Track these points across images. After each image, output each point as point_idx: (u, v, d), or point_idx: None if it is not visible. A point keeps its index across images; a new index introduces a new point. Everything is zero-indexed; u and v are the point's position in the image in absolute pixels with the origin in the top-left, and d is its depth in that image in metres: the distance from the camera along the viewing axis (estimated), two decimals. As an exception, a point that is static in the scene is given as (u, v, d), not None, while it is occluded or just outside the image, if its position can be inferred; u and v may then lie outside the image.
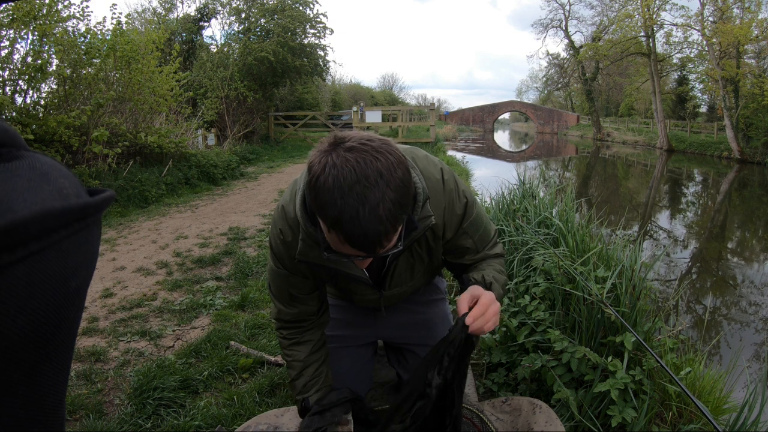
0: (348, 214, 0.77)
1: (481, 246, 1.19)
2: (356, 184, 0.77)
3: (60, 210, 0.22)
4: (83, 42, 6.60)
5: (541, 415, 1.26)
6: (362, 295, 1.26)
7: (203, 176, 8.38)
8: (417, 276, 1.26)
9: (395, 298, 1.32)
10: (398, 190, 0.80)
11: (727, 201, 11.66)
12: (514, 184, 4.00)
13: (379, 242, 0.81)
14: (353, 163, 0.77)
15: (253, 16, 14.21)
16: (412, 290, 1.34)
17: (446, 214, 1.10)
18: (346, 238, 0.80)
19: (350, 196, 0.76)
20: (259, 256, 3.77)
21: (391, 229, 0.81)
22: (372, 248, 0.82)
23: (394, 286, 1.23)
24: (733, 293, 5.28)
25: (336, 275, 1.13)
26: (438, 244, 1.16)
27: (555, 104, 48.41)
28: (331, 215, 0.78)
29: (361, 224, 0.77)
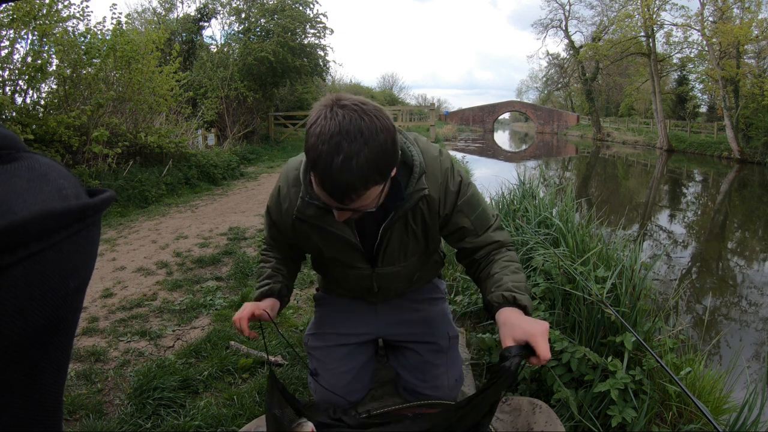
0: (323, 160, 0.86)
1: (480, 228, 1.20)
2: (337, 135, 0.86)
3: (60, 211, 0.22)
4: (83, 42, 6.60)
5: (541, 414, 1.26)
6: (355, 270, 1.26)
7: (203, 176, 8.37)
8: (411, 258, 1.26)
9: (389, 281, 1.30)
10: (375, 152, 0.87)
11: (727, 201, 11.66)
12: (514, 184, 4.00)
13: (347, 193, 0.89)
14: (340, 119, 0.87)
15: (253, 16, 14.20)
16: (406, 276, 1.33)
17: (441, 190, 1.15)
18: (319, 182, 0.90)
19: (329, 145, 0.85)
20: (258, 256, 3.77)
21: (360, 185, 0.88)
22: (340, 197, 0.90)
23: (386, 263, 1.24)
24: (733, 293, 5.28)
25: (328, 238, 1.17)
26: (434, 221, 1.18)
27: (555, 104, 48.40)
28: (311, 158, 0.88)
29: (332, 172, 0.86)
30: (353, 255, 1.21)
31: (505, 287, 1.08)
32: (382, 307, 1.46)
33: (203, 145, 10.86)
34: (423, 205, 1.14)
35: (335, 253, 1.23)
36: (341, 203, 0.92)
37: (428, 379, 1.42)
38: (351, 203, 0.92)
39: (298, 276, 3.32)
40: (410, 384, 1.43)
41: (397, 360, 1.48)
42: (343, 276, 1.32)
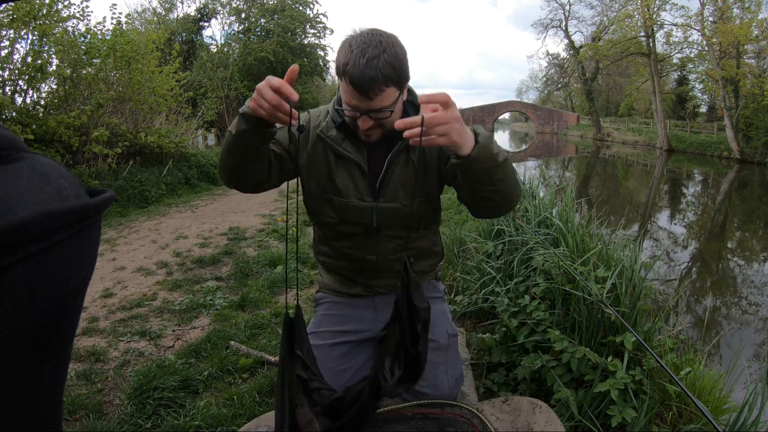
0: (353, 61, 1.06)
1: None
2: (362, 44, 1.08)
3: (60, 211, 0.22)
4: (83, 42, 6.60)
5: (541, 415, 1.26)
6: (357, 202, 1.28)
7: (203, 176, 8.38)
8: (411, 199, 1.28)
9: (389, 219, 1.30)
10: (392, 57, 1.08)
11: (727, 201, 11.67)
12: (514, 184, 3.99)
13: (371, 87, 1.06)
14: (365, 35, 1.10)
15: (253, 16, 14.22)
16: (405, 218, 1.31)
17: None
18: (349, 80, 1.07)
19: (356, 50, 1.07)
20: (258, 256, 3.78)
21: (382, 80, 1.07)
22: (366, 89, 1.07)
23: (388, 197, 1.28)
24: (733, 293, 5.28)
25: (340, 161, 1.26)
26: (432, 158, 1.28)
27: (555, 104, 48.42)
28: (342, 63, 1.08)
29: (360, 68, 1.05)
30: (360, 182, 1.27)
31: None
32: (381, 305, 1.46)
33: (203, 145, 10.87)
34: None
35: (343, 180, 1.27)
36: (367, 97, 1.08)
37: (427, 377, 1.42)
38: (375, 97, 1.09)
39: (298, 276, 3.32)
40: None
41: (397, 360, 1.48)
42: (342, 212, 1.31)
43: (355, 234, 1.35)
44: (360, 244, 1.36)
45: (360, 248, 1.37)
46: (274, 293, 3.05)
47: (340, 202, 1.30)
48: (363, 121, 1.15)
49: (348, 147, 1.25)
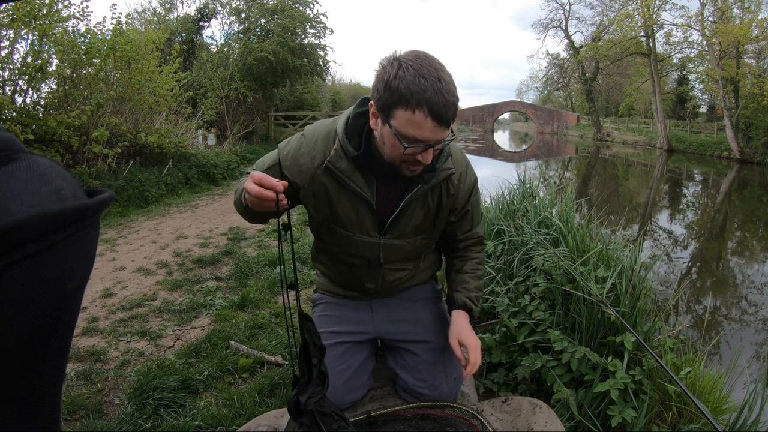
0: (432, 89, 0.99)
1: (476, 221, 1.40)
2: (431, 68, 1.01)
3: (57, 212, 0.22)
4: (83, 42, 6.59)
5: (541, 415, 1.26)
6: (362, 237, 1.26)
7: (203, 176, 8.37)
8: (416, 240, 1.32)
9: (394, 254, 1.31)
10: (456, 90, 1.04)
11: (727, 201, 11.66)
12: (514, 184, 4.00)
13: (453, 112, 1.03)
14: (421, 58, 1.02)
15: (253, 16, 14.20)
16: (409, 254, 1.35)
17: (462, 178, 1.29)
18: (430, 110, 0.99)
19: (430, 77, 0.99)
20: (258, 256, 3.77)
21: (457, 104, 1.04)
22: (448, 117, 1.02)
23: (395, 235, 1.27)
24: (733, 293, 5.28)
25: (347, 195, 1.20)
26: (448, 204, 1.29)
27: (555, 104, 48.39)
28: (417, 93, 0.99)
29: (443, 95, 1.00)
30: (366, 218, 1.24)
31: (466, 294, 1.37)
32: (378, 307, 1.46)
33: (203, 145, 10.86)
34: (444, 186, 1.26)
35: (348, 213, 1.23)
36: (446, 127, 1.04)
37: (426, 378, 1.42)
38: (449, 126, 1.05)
39: (298, 276, 3.32)
40: (409, 384, 1.43)
41: (395, 361, 1.48)
42: (346, 244, 1.29)
43: (357, 265, 1.35)
44: (360, 273, 1.37)
45: (360, 276, 1.38)
46: (274, 293, 3.04)
47: (343, 234, 1.27)
48: (428, 155, 1.07)
49: (358, 181, 1.18)
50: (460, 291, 1.38)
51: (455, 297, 1.37)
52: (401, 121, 1.03)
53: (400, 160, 1.10)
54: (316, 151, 1.19)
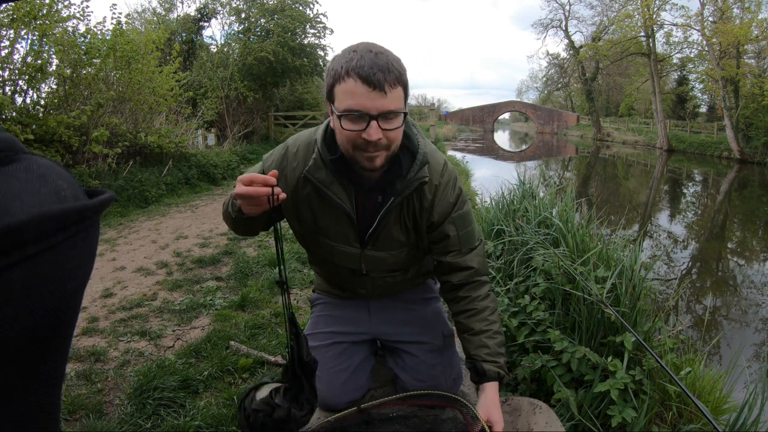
0: (359, 56, 0.98)
1: (465, 245, 1.26)
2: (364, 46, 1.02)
3: (57, 213, 0.22)
4: (83, 42, 6.59)
5: (541, 415, 1.26)
6: (344, 247, 1.25)
7: (203, 176, 8.37)
8: (400, 253, 1.28)
9: (377, 266, 1.30)
10: (397, 58, 1.03)
11: (727, 201, 11.66)
12: (514, 184, 4.00)
13: (386, 78, 0.98)
14: (359, 43, 1.04)
15: (253, 16, 14.20)
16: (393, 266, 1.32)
17: (438, 190, 1.21)
18: (358, 74, 0.97)
19: (360, 50, 1.00)
20: (258, 256, 3.77)
21: (396, 72, 1.00)
22: (378, 79, 0.97)
23: (377, 247, 1.25)
24: (733, 293, 5.28)
25: (327, 206, 1.19)
26: (423, 218, 1.22)
27: (555, 104, 48.38)
28: (346, 62, 0.99)
29: (371, 59, 0.98)
30: (347, 230, 1.22)
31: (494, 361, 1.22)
32: (375, 307, 1.46)
33: (203, 145, 10.86)
34: (416, 199, 1.20)
35: (329, 224, 1.22)
36: (381, 90, 0.98)
37: (426, 378, 1.42)
38: (389, 91, 0.99)
39: (298, 276, 3.33)
40: (408, 385, 1.43)
41: (395, 362, 1.48)
42: (330, 253, 1.29)
43: (344, 274, 1.35)
44: (350, 281, 1.37)
45: (350, 282, 1.38)
46: (274, 293, 3.04)
47: (327, 243, 1.27)
48: (372, 131, 1.01)
49: (337, 191, 1.15)
50: (485, 359, 1.21)
51: (486, 369, 1.20)
52: (339, 98, 1.02)
53: (351, 145, 1.05)
54: (297, 161, 1.18)
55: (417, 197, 1.19)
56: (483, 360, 1.21)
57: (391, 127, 1.03)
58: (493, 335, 1.24)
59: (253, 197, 0.98)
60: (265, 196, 0.98)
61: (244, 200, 1.00)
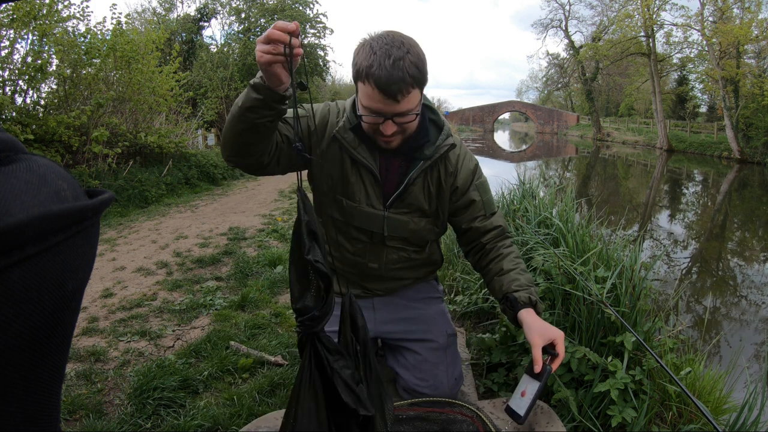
0: (378, 63, 1.05)
1: (489, 209, 1.36)
2: (385, 45, 1.06)
3: (57, 213, 0.22)
4: (83, 42, 6.60)
5: (542, 415, 1.26)
6: (367, 209, 1.28)
7: (203, 176, 8.38)
8: (420, 220, 1.32)
9: (397, 232, 1.32)
10: (416, 58, 1.08)
11: (727, 201, 11.66)
12: (514, 184, 4.00)
13: (400, 89, 1.06)
14: (385, 36, 1.09)
15: (253, 16, 14.21)
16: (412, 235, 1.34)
17: (461, 159, 1.32)
18: (375, 83, 1.06)
19: (380, 52, 1.05)
20: (258, 256, 3.77)
21: (410, 81, 1.06)
22: (394, 93, 1.06)
23: (400, 211, 1.29)
24: (733, 293, 5.28)
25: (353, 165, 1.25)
26: (447, 184, 1.30)
27: (555, 104, 48.40)
28: (365, 67, 1.06)
29: (386, 70, 1.04)
30: (371, 189, 1.27)
31: (526, 289, 1.25)
32: (380, 305, 1.46)
33: (203, 145, 10.87)
34: (441, 164, 1.29)
35: (355, 184, 1.27)
36: (394, 100, 1.07)
37: (427, 378, 1.42)
38: (402, 99, 1.08)
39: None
40: (410, 384, 1.43)
41: (396, 360, 1.48)
42: (351, 216, 1.30)
43: (360, 240, 1.35)
44: (363, 252, 1.36)
45: (362, 255, 1.37)
46: (274, 293, 3.04)
47: (349, 205, 1.29)
48: (387, 127, 1.13)
49: (363, 152, 1.24)
50: (518, 290, 1.24)
51: (518, 297, 1.22)
52: (361, 94, 1.12)
53: (370, 130, 1.18)
54: (337, 119, 1.26)
55: (442, 163, 1.29)
56: (515, 291, 1.24)
57: (405, 121, 1.14)
58: (521, 272, 1.29)
59: (272, 40, 0.90)
60: (282, 45, 0.91)
61: (264, 45, 0.92)
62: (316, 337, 0.85)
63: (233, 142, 1.11)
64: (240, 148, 1.11)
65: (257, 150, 1.12)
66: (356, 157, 1.23)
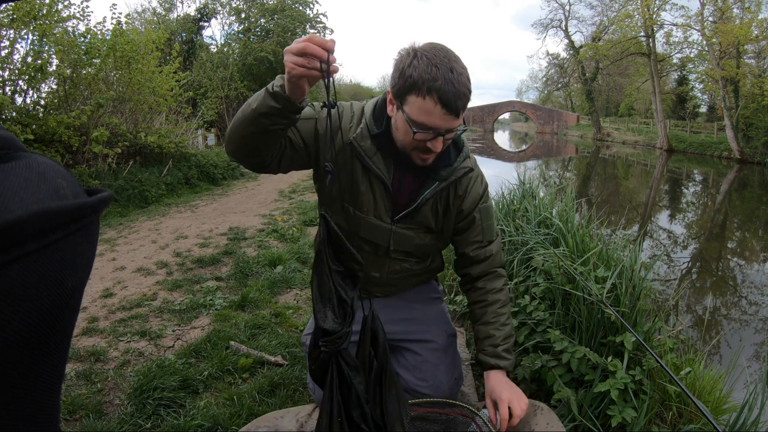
0: (442, 78, 1.02)
1: (487, 236, 1.35)
2: (444, 58, 1.05)
3: (56, 210, 0.22)
4: (83, 42, 6.60)
5: (542, 416, 1.26)
6: (374, 220, 1.26)
7: (203, 176, 8.38)
8: (428, 235, 1.32)
9: (403, 246, 1.31)
10: (470, 82, 1.08)
11: (727, 201, 11.66)
12: (514, 184, 4.00)
13: (463, 102, 1.05)
14: (437, 49, 1.07)
15: (253, 16, 14.22)
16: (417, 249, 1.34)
17: (473, 181, 1.31)
18: (440, 98, 1.02)
19: (442, 66, 1.03)
20: (258, 256, 3.77)
21: (469, 96, 1.07)
22: (457, 107, 1.04)
23: (408, 224, 1.28)
24: (733, 293, 5.28)
25: (366, 175, 1.21)
26: (455, 206, 1.29)
27: (555, 104, 48.42)
28: (428, 79, 1.02)
29: (453, 84, 1.03)
30: (381, 202, 1.25)
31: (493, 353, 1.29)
32: (379, 307, 1.46)
33: (203, 145, 10.87)
34: (452, 187, 1.28)
35: (364, 194, 1.24)
36: (456, 116, 1.06)
37: (428, 378, 1.42)
38: (461, 115, 1.07)
39: (298, 276, 3.32)
40: (410, 384, 1.43)
41: (396, 360, 1.48)
42: (357, 226, 1.28)
43: (364, 250, 1.33)
44: (366, 261, 1.35)
45: (366, 264, 1.35)
46: (274, 293, 3.04)
47: (356, 215, 1.27)
48: (438, 143, 1.10)
49: (378, 162, 1.20)
50: (486, 350, 1.30)
51: (483, 360, 1.30)
52: (413, 108, 1.06)
53: (411, 146, 1.13)
54: (352, 124, 1.22)
55: (453, 185, 1.28)
56: (484, 351, 1.31)
57: (451, 137, 1.13)
58: (500, 327, 1.31)
59: (308, 53, 0.89)
60: (317, 60, 0.89)
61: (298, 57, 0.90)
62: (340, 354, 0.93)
63: (240, 142, 1.10)
64: (246, 148, 1.11)
65: (263, 151, 1.12)
66: (370, 166, 1.20)
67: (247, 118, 1.05)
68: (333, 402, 0.92)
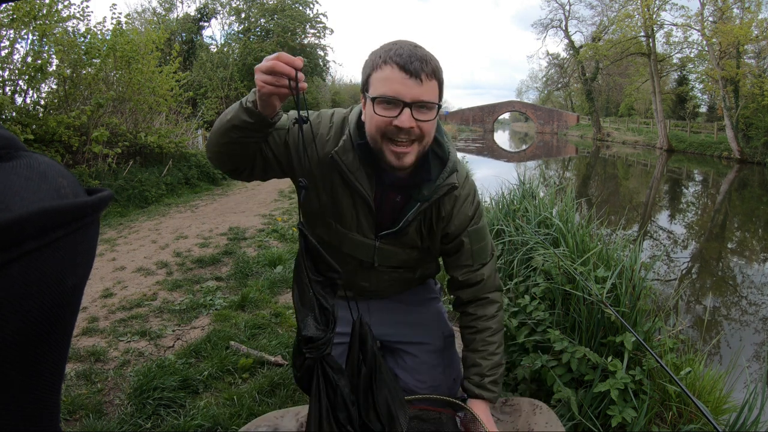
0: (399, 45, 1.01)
1: (479, 260, 1.27)
2: (406, 41, 1.03)
3: (57, 209, 0.22)
4: (83, 42, 6.60)
5: (541, 416, 1.26)
6: (358, 236, 1.22)
7: (203, 176, 8.38)
8: (413, 251, 1.27)
9: (388, 261, 1.27)
10: (436, 61, 1.04)
11: (727, 201, 11.66)
12: (514, 184, 4.00)
13: (422, 68, 0.99)
14: (398, 40, 1.05)
15: (253, 16, 14.22)
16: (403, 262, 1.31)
17: (458, 204, 1.21)
18: (397, 62, 0.98)
19: (400, 43, 1.02)
20: (258, 256, 3.77)
21: (432, 65, 1.01)
22: (416, 68, 0.98)
23: (391, 243, 1.22)
24: (733, 293, 5.28)
25: (347, 190, 1.15)
26: (439, 228, 1.22)
27: (555, 104, 48.43)
28: (384, 54, 1.00)
29: (411, 49, 1.00)
30: (364, 219, 1.19)
31: (478, 382, 1.26)
32: (375, 308, 1.45)
33: (203, 145, 10.85)
34: (435, 208, 1.19)
35: (346, 210, 1.18)
36: (417, 79, 0.98)
37: (426, 379, 1.42)
38: (425, 81, 0.99)
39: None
40: (409, 386, 1.43)
41: (395, 362, 1.48)
42: (339, 242, 1.25)
43: (349, 263, 1.29)
44: (353, 272, 1.34)
45: (353, 275, 1.35)
46: (274, 293, 3.04)
47: (339, 230, 1.23)
48: (405, 118, 1.00)
49: (361, 178, 1.12)
50: (472, 379, 1.26)
51: (467, 388, 1.26)
52: (374, 85, 1.02)
53: (380, 133, 1.03)
54: (330, 136, 1.14)
55: (436, 206, 1.18)
56: (469, 380, 1.27)
57: (424, 119, 1.02)
58: (488, 356, 1.27)
59: (276, 72, 0.89)
60: (286, 78, 0.90)
61: (267, 76, 0.91)
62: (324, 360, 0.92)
63: (216, 150, 1.11)
64: (222, 156, 1.12)
65: (237, 161, 1.13)
66: (353, 183, 1.12)
67: (222, 128, 1.05)
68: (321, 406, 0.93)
